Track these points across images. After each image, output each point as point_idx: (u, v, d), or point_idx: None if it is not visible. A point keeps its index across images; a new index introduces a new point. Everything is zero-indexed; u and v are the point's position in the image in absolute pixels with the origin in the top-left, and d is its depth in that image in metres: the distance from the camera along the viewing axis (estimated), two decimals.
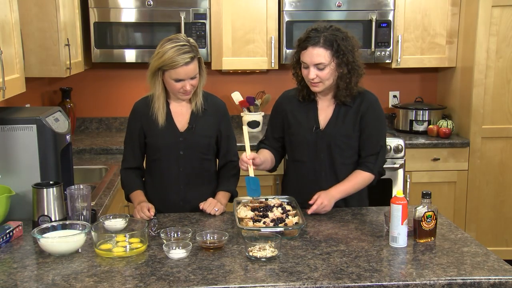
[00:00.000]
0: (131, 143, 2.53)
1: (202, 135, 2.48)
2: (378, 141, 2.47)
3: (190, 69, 2.33)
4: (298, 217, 2.20)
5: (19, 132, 2.27)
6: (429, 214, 2.04)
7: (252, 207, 2.30)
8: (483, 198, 4.04)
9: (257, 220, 2.17)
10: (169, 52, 2.30)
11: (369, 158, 2.45)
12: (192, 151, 2.48)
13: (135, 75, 4.27)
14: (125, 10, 3.87)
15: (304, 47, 2.35)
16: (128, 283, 1.73)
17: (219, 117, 2.53)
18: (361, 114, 2.43)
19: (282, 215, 2.21)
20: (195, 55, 2.34)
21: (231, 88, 4.30)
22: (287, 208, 2.29)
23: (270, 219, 2.18)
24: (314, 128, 2.46)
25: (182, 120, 2.48)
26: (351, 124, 2.44)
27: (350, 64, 2.35)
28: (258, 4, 3.97)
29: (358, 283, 1.74)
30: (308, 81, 2.39)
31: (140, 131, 2.50)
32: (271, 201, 2.36)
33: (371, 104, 2.45)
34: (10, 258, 1.93)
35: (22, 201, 2.27)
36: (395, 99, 4.50)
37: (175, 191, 2.51)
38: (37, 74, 3.21)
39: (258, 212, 2.25)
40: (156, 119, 2.44)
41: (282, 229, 2.09)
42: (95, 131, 4.34)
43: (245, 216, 2.21)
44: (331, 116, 2.46)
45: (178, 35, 2.39)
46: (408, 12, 4.04)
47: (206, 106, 2.49)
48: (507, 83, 3.92)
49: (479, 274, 1.79)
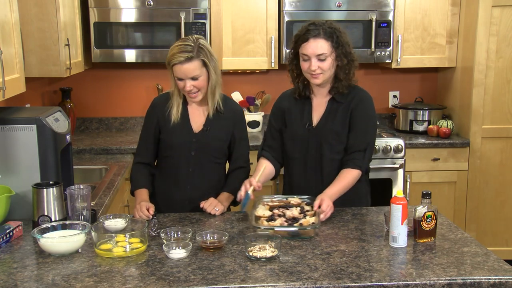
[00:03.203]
0: (146, 137, 2.56)
1: (215, 138, 2.50)
2: (365, 137, 2.45)
3: (187, 68, 2.34)
4: (315, 218, 2.19)
5: (19, 132, 2.27)
6: (429, 214, 2.04)
7: (271, 206, 2.30)
8: (483, 198, 4.04)
9: (272, 219, 2.17)
10: (174, 49, 2.37)
11: (356, 155, 2.43)
12: (204, 153, 2.49)
13: (135, 75, 4.27)
14: (125, 10, 3.87)
15: (305, 39, 2.37)
16: (128, 283, 1.73)
17: (235, 121, 2.54)
18: (351, 109, 2.45)
19: (299, 215, 2.21)
20: (193, 55, 2.34)
21: (231, 88, 4.30)
22: (305, 208, 2.28)
23: (285, 219, 2.18)
24: (307, 124, 2.48)
25: (198, 121, 2.50)
26: (341, 120, 2.45)
27: (349, 55, 2.40)
28: (258, 4, 3.98)
29: (358, 283, 1.74)
30: (308, 74, 2.40)
31: (156, 126, 2.53)
32: (292, 200, 2.36)
33: (361, 100, 2.46)
34: (10, 258, 1.93)
35: (22, 201, 2.27)
36: (395, 99, 4.50)
37: (181, 190, 2.52)
38: (37, 74, 3.21)
39: (276, 211, 2.25)
40: (172, 115, 2.47)
41: (297, 229, 2.09)
42: (95, 131, 4.34)
43: (263, 214, 2.21)
44: (323, 113, 2.48)
45: (192, 36, 2.42)
46: (408, 12, 4.04)
47: (223, 110, 2.50)
48: (507, 83, 3.92)
49: (479, 274, 1.79)
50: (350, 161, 2.43)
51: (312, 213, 2.24)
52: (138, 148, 2.62)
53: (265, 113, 4.31)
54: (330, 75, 2.42)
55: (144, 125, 2.60)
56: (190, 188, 2.52)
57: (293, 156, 2.54)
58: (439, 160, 3.95)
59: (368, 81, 4.31)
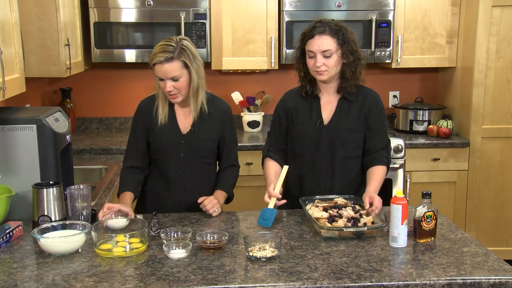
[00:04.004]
0: (135, 141, 2.53)
1: (204, 138, 2.48)
2: (385, 135, 2.54)
3: (166, 69, 2.32)
4: (371, 216, 2.19)
5: (19, 132, 2.27)
6: (429, 214, 2.04)
7: (323, 207, 2.28)
8: (483, 198, 4.03)
9: (333, 220, 2.16)
10: (156, 48, 2.35)
11: (381, 152, 2.50)
12: (193, 154, 2.47)
13: (135, 75, 4.27)
14: (125, 10, 3.87)
15: (310, 36, 2.39)
16: (128, 283, 1.73)
17: (223, 121, 2.52)
18: (366, 110, 2.48)
19: (355, 215, 2.20)
20: (173, 56, 2.31)
21: (231, 88, 4.30)
22: (357, 208, 2.28)
23: (346, 219, 2.16)
24: (318, 123, 2.47)
25: (186, 122, 2.48)
26: (354, 118, 2.47)
27: (355, 53, 2.42)
28: (258, 4, 3.97)
29: (358, 283, 1.74)
30: (313, 71, 2.42)
31: (144, 130, 2.50)
32: (339, 201, 2.35)
33: (374, 100, 2.51)
34: (10, 258, 1.93)
35: (22, 201, 2.27)
36: (395, 99, 4.50)
37: (172, 192, 2.50)
38: (37, 74, 3.21)
39: (332, 212, 2.23)
40: (159, 118, 2.45)
41: (365, 228, 2.09)
42: (95, 131, 4.34)
43: (321, 216, 2.20)
44: (335, 111, 2.49)
45: (176, 36, 2.40)
46: (408, 12, 4.04)
47: (211, 110, 2.48)
48: (507, 83, 3.92)
49: (479, 274, 1.79)
50: (376, 159, 2.49)
51: (365, 212, 2.24)
52: (126, 152, 2.57)
53: (265, 113, 4.31)
54: (336, 73, 2.43)
55: (132, 129, 2.55)
56: (181, 189, 2.50)
57: (301, 154, 2.53)
58: (439, 160, 3.95)
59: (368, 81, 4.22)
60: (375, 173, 2.46)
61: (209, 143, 2.50)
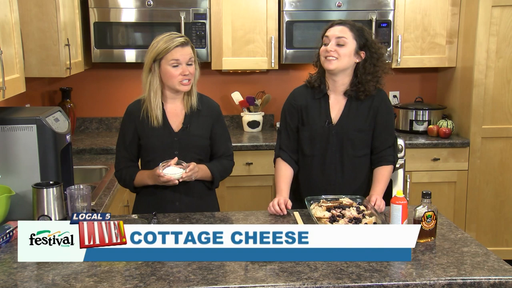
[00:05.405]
0: (125, 146, 2.50)
1: (196, 135, 2.47)
2: (392, 134, 2.56)
3: (186, 51, 2.36)
4: (374, 217, 2.19)
5: (19, 132, 2.27)
6: (429, 214, 2.05)
7: (327, 207, 2.28)
8: (483, 198, 4.04)
9: (334, 220, 2.16)
10: (162, 40, 2.37)
11: (387, 151, 2.52)
12: (187, 152, 2.46)
13: (135, 75, 4.26)
14: (125, 10, 3.87)
15: (330, 26, 2.45)
16: (128, 283, 1.73)
17: (213, 118, 2.52)
18: (375, 109, 2.49)
19: (358, 215, 2.20)
20: (188, 40, 2.39)
21: (231, 88, 4.30)
22: (361, 208, 2.27)
23: (347, 219, 2.16)
24: (326, 122, 2.48)
25: (177, 120, 2.47)
26: (363, 118, 2.48)
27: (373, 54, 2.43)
28: (258, 4, 3.98)
29: (358, 283, 1.74)
30: (323, 57, 2.42)
31: (135, 133, 2.48)
32: (344, 201, 2.34)
33: (383, 99, 2.52)
34: (10, 258, 1.93)
35: (22, 201, 2.27)
36: (395, 99, 4.50)
37: (169, 191, 2.49)
38: (37, 74, 3.21)
39: (334, 212, 2.23)
40: (151, 119, 2.43)
41: None
42: (95, 131, 4.34)
43: (323, 216, 2.20)
44: (343, 111, 2.49)
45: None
46: (408, 12, 4.04)
47: (201, 107, 2.49)
48: (507, 83, 3.92)
49: (479, 274, 1.80)
50: (383, 158, 2.50)
51: (369, 212, 2.23)
52: (117, 157, 2.54)
53: (265, 113, 4.31)
54: (345, 66, 2.42)
55: (121, 134, 2.53)
56: (178, 188, 2.48)
57: (311, 154, 2.53)
58: (439, 160, 3.95)
59: None
60: (381, 174, 2.48)
61: (202, 140, 2.49)
